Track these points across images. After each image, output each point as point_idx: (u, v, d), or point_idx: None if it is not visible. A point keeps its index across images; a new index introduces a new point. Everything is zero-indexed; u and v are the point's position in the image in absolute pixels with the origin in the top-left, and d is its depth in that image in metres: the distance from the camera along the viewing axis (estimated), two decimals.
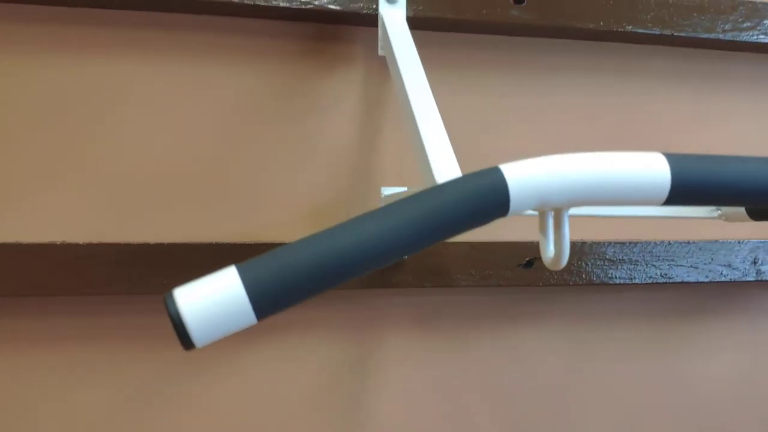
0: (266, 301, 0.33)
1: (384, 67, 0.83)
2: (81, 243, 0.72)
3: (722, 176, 0.38)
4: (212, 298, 0.33)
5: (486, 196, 0.36)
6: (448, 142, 0.63)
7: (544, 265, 0.84)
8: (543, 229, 0.42)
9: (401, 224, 0.35)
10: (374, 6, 0.78)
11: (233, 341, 0.80)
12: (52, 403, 0.76)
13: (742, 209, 0.61)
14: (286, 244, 0.35)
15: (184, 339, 0.32)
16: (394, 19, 0.78)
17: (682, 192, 0.38)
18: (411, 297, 0.84)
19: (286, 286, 0.33)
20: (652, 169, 0.38)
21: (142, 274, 0.73)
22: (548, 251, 0.42)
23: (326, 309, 0.82)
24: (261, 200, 0.80)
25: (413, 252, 0.36)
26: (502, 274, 0.82)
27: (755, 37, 0.89)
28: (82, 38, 0.76)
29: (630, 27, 0.85)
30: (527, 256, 0.83)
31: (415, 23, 0.80)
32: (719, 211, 0.64)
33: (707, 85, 0.93)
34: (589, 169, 0.37)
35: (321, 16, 0.79)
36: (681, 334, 0.93)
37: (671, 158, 0.38)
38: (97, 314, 0.77)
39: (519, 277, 0.82)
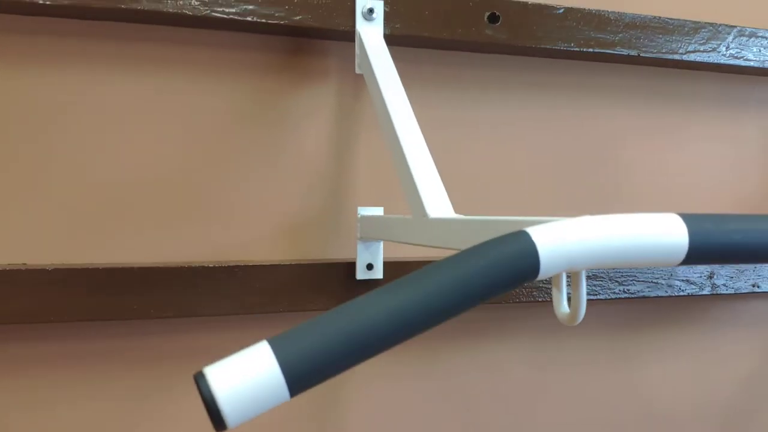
0: (302, 378, 0.32)
1: (359, 82, 0.82)
2: (47, 267, 0.69)
3: (740, 237, 0.39)
4: (246, 378, 0.31)
5: (517, 262, 0.36)
6: (436, 172, 0.63)
7: None
8: (557, 284, 0.42)
9: (432, 295, 0.35)
10: (351, 23, 0.77)
11: (202, 361, 0.78)
12: (20, 428, 0.73)
13: None
14: (318, 316, 0.34)
15: (218, 421, 0.31)
16: (371, 37, 0.77)
17: (699, 254, 0.39)
18: None
19: (322, 362, 0.32)
20: (671, 232, 0.38)
21: (111, 299, 0.70)
22: (562, 307, 0.42)
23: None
24: (233, 218, 0.78)
25: (442, 321, 0.35)
26: None
27: (716, 58, 0.92)
28: (45, 50, 0.72)
29: (598, 48, 0.86)
30: None
31: (391, 40, 0.79)
32: None
33: (669, 103, 0.96)
34: (614, 233, 0.38)
35: (297, 31, 0.77)
36: (642, 344, 0.96)
37: (688, 221, 0.39)
38: (63, 340, 0.74)
39: None
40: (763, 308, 1.02)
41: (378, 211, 0.78)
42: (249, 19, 0.73)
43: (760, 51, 0.94)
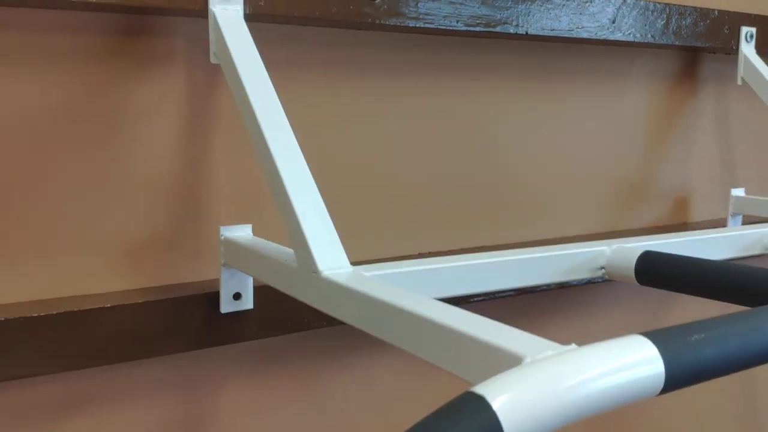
0: None
1: (215, 69, 0.67)
2: None
3: (715, 352, 0.33)
4: None
5: None
6: (324, 207, 0.52)
7: None
8: None
9: None
10: (203, 1, 0.62)
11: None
12: None
13: (632, 272, 0.58)
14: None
15: None
16: (229, 19, 0.62)
17: (677, 382, 0.32)
18: (255, 342, 0.72)
19: None
20: (647, 368, 0.31)
21: None
22: None
23: (157, 372, 0.68)
24: (61, 244, 0.63)
25: None
26: None
27: (601, 34, 0.86)
28: None
29: (484, 27, 0.77)
30: None
31: (254, 19, 0.65)
32: (603, 270, 0.60)
33: (557, 79, 0.89)
34: (584, 378, 0.30)
35: (135, 9, 0.61)
36: None
37: (662, 349, 0.32)
38: None
39: None
40: None
41: (245, 230, 0.65)
42: None
43: (644, 25, 0.89)
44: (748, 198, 1.01)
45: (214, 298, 0.65)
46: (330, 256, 0.48)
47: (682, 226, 1.05)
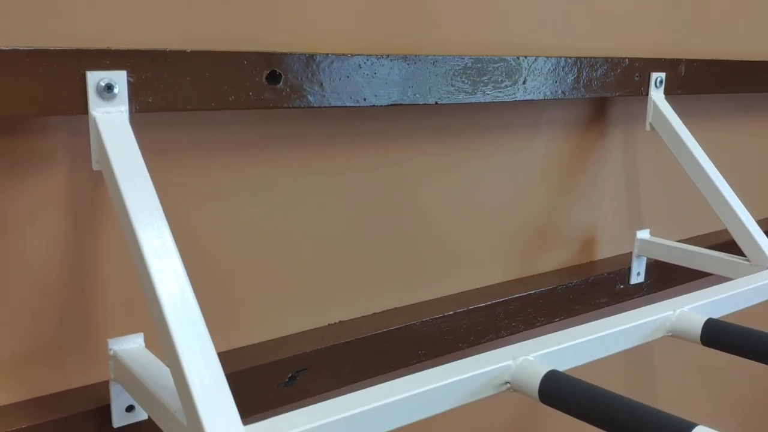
0: None
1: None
2: None
3: None
4: None
5: None
6: (216, 358, 0.49)
7: (307, 380, 0.74)
8: None
9: None
10: (82, 105, 0.56)
11: None
12: None
13: (536, 391, 0.57)
14: None
15: None
16: (111, 123, 0.57)
17: None
18: None
19: None
20: None
21: None
22: None
23: None
24: None
25: None
26: (264, 396, 0.71)
27: (512, 96, 0.84)
28: None
29: (395, 101, 0.74)
30: (290, 371, 0.72)
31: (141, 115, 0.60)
32: (508, 385, 0.59)
33: (463, 139, 0.87)
34: None
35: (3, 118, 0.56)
36: None
37: None
38: None
39: (283, 397, 0.72)
40: None
41: (136, 340, 0.62)
42: None
43: (555, 82, 0.88)
44: (653, 241, 1.03)
45: (106, 412, 0.61)
46: (221, 423, 0.46)
47: (588, 265, 1.06)
